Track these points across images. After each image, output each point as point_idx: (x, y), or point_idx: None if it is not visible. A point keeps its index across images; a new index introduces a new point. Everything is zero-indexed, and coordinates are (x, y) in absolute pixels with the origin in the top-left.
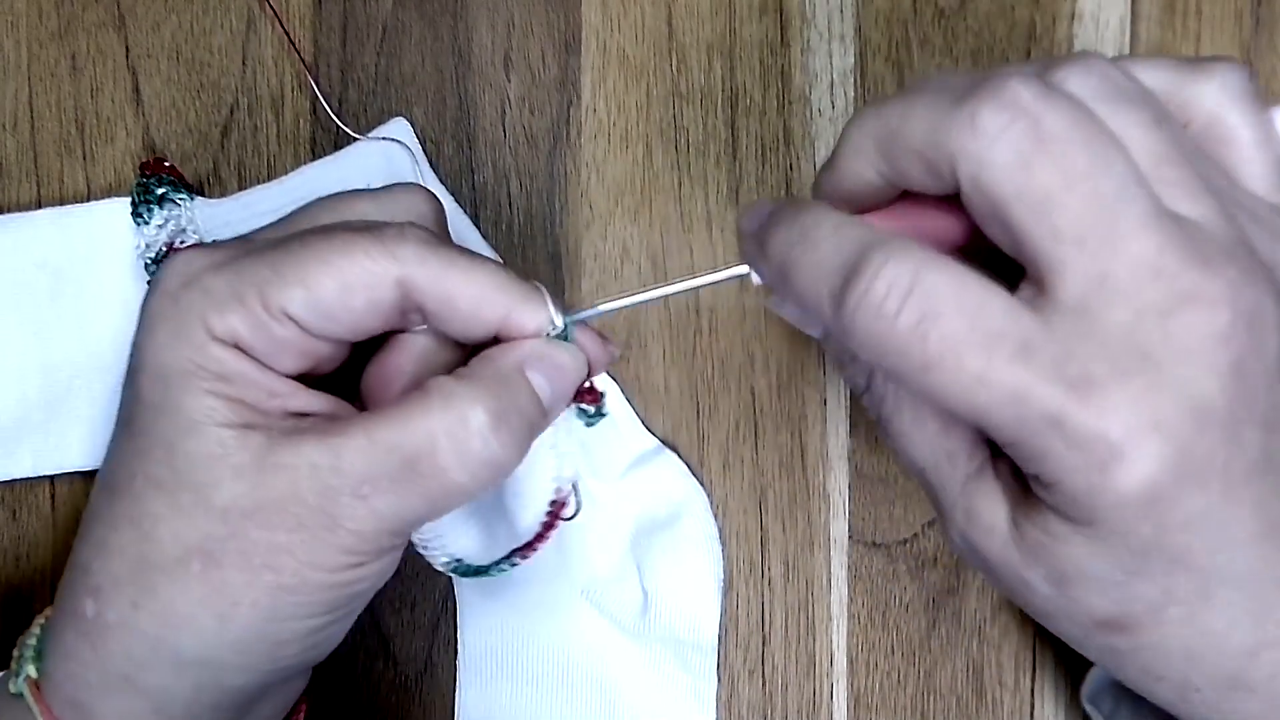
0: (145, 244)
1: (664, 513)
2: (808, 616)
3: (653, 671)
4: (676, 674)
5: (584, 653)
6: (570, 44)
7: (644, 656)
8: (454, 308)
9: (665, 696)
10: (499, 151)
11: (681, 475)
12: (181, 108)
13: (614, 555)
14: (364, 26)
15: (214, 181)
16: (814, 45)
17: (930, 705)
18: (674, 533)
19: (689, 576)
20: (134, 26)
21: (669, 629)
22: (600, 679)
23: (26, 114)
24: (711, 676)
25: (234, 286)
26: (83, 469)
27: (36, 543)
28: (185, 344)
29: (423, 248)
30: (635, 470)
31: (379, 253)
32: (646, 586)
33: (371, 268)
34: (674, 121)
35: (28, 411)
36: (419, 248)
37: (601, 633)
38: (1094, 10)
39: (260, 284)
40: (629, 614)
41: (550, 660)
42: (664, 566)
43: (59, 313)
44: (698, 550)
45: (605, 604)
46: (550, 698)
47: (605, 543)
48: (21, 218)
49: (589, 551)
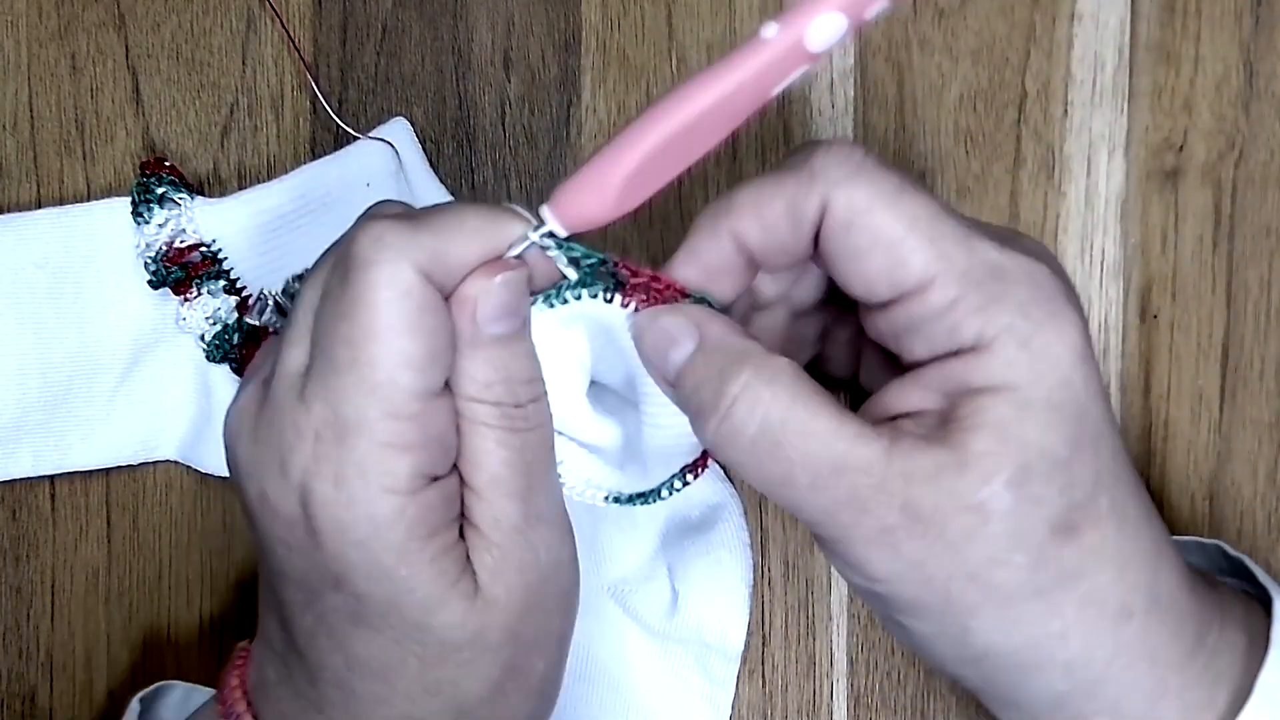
0: (145, 243)
1: (697, 515)
2: (808, 616)
3: (672, 676)
4: (696, 680)
5: (605, 651)
6: (570, 44)
7: (665, 660)
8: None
9: (681, 702)
10: (499, 151)
11: (717, 479)
12: (181, 108)
13: (644, 554)
14: (364, 26)
15: (214, 181)
16: None
17: (930, 705)
18: (707, 536)
19: (720, 581)
20: (134, 26)
21: (696, 631)
22: (618, 679)
23: (26, 114)
24: (731, 685)
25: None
26: (83, 469)
27: (36, 543)
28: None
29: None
30: None
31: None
32: (678, 587)
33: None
34: None
35: (27, 411)
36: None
37: (624, 632)
38: (1094, 10)
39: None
40: (656, 614)
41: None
42: (696, 569)
43: (59, 312)
44: (731, 555)
45: (631, 603)
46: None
47: (635, 541)
48: (21, 217)
49: (618, 550)
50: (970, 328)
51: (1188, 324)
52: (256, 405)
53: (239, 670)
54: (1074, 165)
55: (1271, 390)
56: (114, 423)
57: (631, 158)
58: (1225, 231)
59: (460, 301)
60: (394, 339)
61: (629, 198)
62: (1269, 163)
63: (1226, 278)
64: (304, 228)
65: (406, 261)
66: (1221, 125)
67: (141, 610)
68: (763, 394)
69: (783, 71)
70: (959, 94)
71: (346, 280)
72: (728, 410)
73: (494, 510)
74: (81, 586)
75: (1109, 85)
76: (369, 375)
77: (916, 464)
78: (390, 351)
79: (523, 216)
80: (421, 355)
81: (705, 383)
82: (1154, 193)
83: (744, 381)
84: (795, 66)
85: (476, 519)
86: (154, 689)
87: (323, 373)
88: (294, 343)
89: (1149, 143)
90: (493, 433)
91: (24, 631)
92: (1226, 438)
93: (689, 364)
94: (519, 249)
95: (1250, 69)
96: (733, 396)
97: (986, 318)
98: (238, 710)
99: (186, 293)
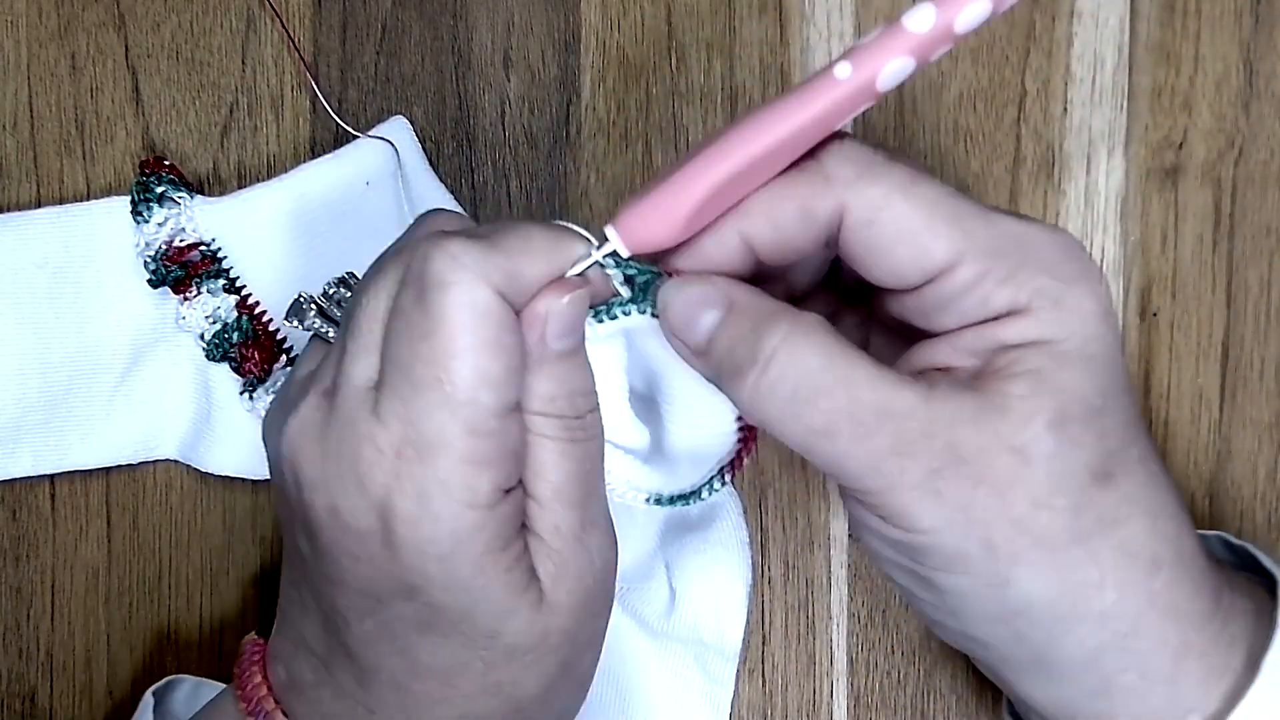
0: (145, 242)
1: (696, 513)
2: (808, 616)
3: (671, 674)
4: (695, 678)
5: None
6: (570, 44)
7: (664, 658)
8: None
9: (681, 700)
10: (499, 151)
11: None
12: (181, 108)
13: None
14: (364, 26)
15: (214, 181)
16: (813, 44)
17: (930, 705)
18: (706, 535)
19: (718, 579)
20: (134, 26)
21: (694, 630)
22: (617, 676)
23: (26, 114)
24: (729, 684)
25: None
26: (83, 468)
27: (36, 543)
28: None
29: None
30: None
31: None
32: (675, 585)
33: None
34: (674, 121)
35: (27, 411)
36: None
37: (623, 629)
38: (1093, 9)
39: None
40: (654, 612)
41: None
42: (694, 567)
43: (59, 312)
44: (729, 554)
45: (630, 600)
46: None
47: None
48: (21, 217)
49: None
50: (1002, 297)
51: (1188, 323)
52: (322, 417)
53: (258, 664)
54: (1073, 164)
55: (1271, 390)
56: (114, 422)
57: (701, 188)
58: (1225, 231)
59: (531, 320)
60: (475, 359)
61: (692, 226)
62: (1269, 162)
63: (1226, 277)
64: (304, 226)
65: (484, 282)
66: (1221, 124)
67: (141, 610)
68: (800, 344)
69: (850, 109)
70: (958, 92)
71: (425, 300)
72: (766, 363)
73: (555, 519)
74: (81, 586)
75: (1109, 84)
76: (451, 394)
77: (958, 407)
78: (471, 371)
79: (584, 237)
80: (500, 374)
81: (740, 341)
82: (1154, 192)
83: (783, 333)
84: (861, 104)
85: (539, 528)
86: (164, 683)
87: (400, 390)
88: (360, 355)
89: (1149, 142)
90: (556, 445)
91: (24, 631)
92: (1226, 438)
93: (720, 327)
94: (582, 267)
95: (1250, 68)
96: (771, 349)
97: (1017, 285)
98: (266, 709)
99: (186, 292)
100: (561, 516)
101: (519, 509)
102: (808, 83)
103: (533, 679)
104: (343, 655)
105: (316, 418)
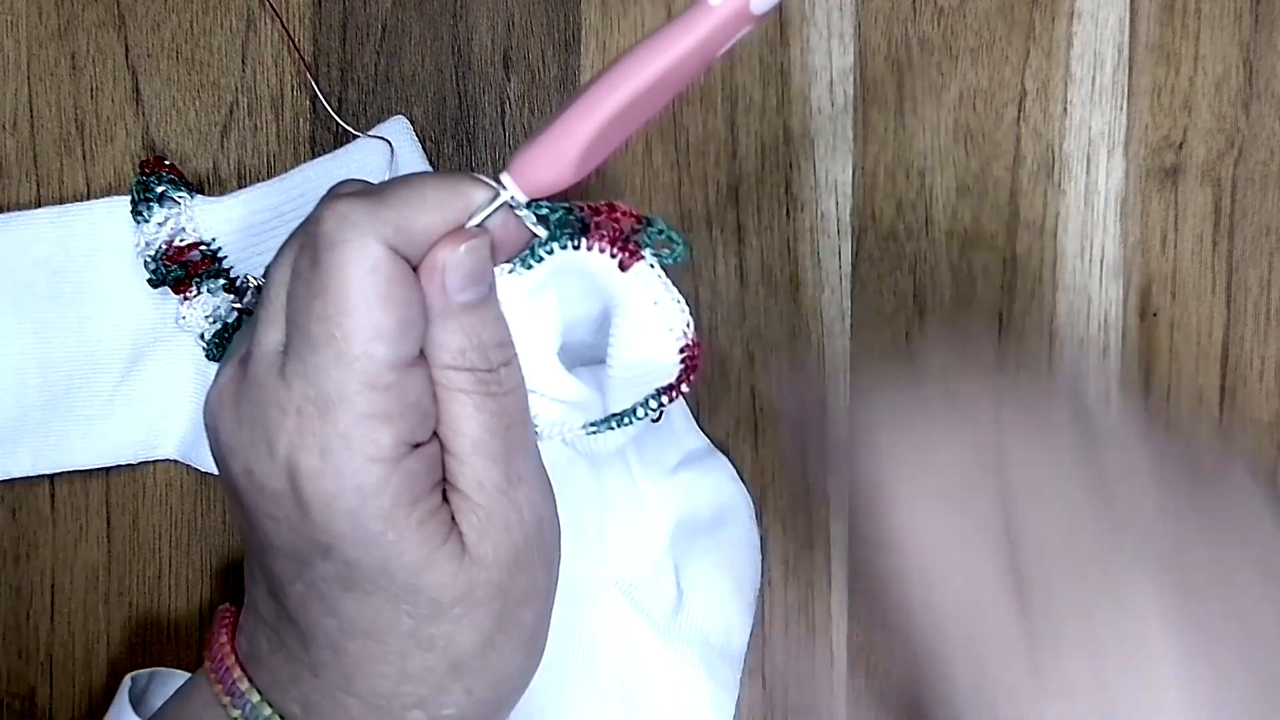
0: (145, 242)
1: (708, 514)
2: (808, 616)
3: (676, 674)
4: (700, 679)
5: (610, 645)
6: (570, 44)
7: (670, 657)
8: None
9: (686, 700)
10: (499, 151)
11: (729, 480)
12: (181, 107)
13: (652, 551)
14: (364, 26)
15: (214, 180)
16: (813, 44)
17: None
18: (716, 536)
19: (727, 581)
20: (134, 26)
21: (700, 631)
22: (623, 674)
23: (26, 114)
24: (734, 686)
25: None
26: (83, 468)
27: (36, 543)
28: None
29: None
30: (684, 469)
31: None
32: (683, 585)
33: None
34: (674, 120)
35: (27, 411)
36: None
37: (630, 627)
38: (1093, 9)
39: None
40: (661, 611)
41: (575, 649)
42: (703, 568)
43: (58, 312)
44: (739, 557)
45: (638, 598)
46: (571, 686)
47: (645, 537)
48: (21, 217)
49: (627, 544)
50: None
51: (1187, 323)
52: (236, 385)
53: (225, 628)
54: (1073, 164)
55: (1271, 390)
56: (114, 422)
57: (588, 127)
58: (1225, 230)
59: (428, 272)
60: (367, 313)
61: (585, 164)
62: (1269, 162)
63: (1226, 277)
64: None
65: (372, 237)
66: (1221, 124)
67: (141, 610)
68: None
69: (727, 35)
70: (958, 92)
71: (316, 260)
72: None
73: (476, 474)
74: (81, 586)
75: (1108, 84)
76: (345, 349)
77: None
78: (364, 325)
79: (483, 183)
80: (393, 326)
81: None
82: (1154, 191)
83: None
84: (739, 29)
85: (459, 483)
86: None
87: (300, 350)
88: (269, 322)
89: (1149, 141)
90: (469, 398)
91: (24, 631)
92: (1226, 438)
93: None
94: (481, 217)
95: (1250, 68)
96: None
97: None
98: (227, 664)
99: (186, 291)
100: (483, 471)
101: (431, 463)
102: (684, 13)
103: (466, 634)
104: (286, 620)
105: (231, 386)
